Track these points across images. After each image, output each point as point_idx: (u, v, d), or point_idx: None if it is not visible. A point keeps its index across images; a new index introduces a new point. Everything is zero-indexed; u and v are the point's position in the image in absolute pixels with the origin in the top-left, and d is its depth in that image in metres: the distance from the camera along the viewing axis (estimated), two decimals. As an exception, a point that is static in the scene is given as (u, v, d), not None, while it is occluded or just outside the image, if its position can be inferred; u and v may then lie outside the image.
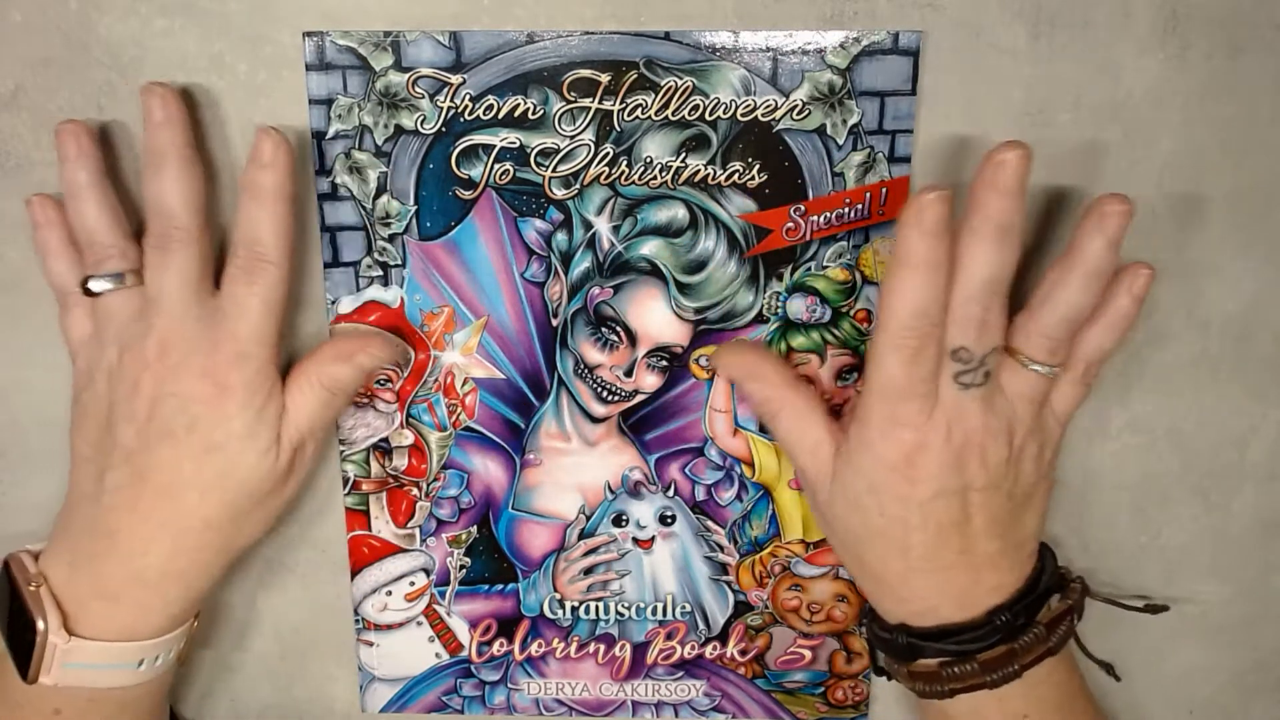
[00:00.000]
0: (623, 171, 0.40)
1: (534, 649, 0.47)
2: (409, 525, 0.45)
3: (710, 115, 0.39)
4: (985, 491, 0.38)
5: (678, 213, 0.41)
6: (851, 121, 0.39)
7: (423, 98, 0.39)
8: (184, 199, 0.38)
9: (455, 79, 0.39)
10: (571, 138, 0.40)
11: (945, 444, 0.37)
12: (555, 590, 0.46)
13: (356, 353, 0.40)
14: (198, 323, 0.38)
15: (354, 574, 0.46)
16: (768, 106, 0.39)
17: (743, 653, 0.47)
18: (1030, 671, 0.39)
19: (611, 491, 0.45)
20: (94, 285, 0.39)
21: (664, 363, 0.43)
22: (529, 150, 0.40)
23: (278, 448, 0.40)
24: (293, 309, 0.43)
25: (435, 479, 0.45)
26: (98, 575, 0.39)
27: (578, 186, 0.41)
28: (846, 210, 0.41)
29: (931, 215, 0.34)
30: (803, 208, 0.41)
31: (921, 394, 0.37)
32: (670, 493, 0.45)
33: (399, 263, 0.42)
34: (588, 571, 0.46)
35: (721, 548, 0.46)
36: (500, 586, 0.46)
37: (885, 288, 0.36)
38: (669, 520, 0.45)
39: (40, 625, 0.38)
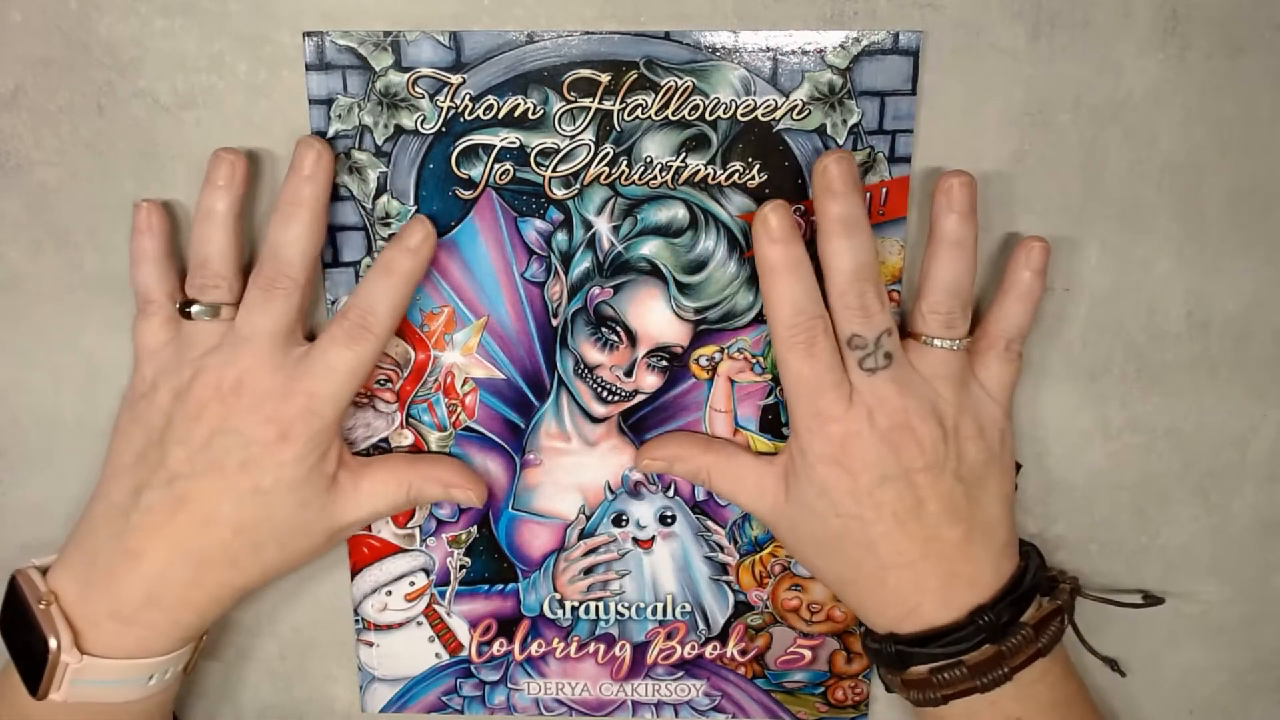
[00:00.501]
0: (623, 171, 0.40)
1: (534, 649, 0.47)
2: (409, 525, 0.45)
3: (710, 115, 0.39)
4: (928, 472, 0.38)
5: (678, 213, 0.41)
6: (851, 121, 0.39)
7: (423, 98, 0.39)
8: (304, 252, 0.39)
9: (455, 79, 0.39)
10: (571, 138, 0.40)
11: (871, 428, 0.38)
12: (555, 590, 0.46)
13: (457, 487, 0.43)
14: (279, 370, 0.39)
15: (354, 574, 0.46)
16: (768, 106, 0.39)
17: (743, 653, 0.47)
18: (1022, 673, 0.39)
19: (611, 491, 0.45)
20: (195, 310, 0.39)
21: (664, 363, 0.43)
22: (529, 150, 0.40)
23: (328, 509, 0.41)
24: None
25: (435, 479, 0.45)
26: (113, 595, 0.39)
27: (578, 186, 0.41)
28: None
29: (776, 222, 0.38)
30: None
31: (833, 384, 0.38)
32: (670, 493, 0.45)
33: (399, 263, 0.42)
34: (588, 571, 0.46)
35: (721, 548, 0.46)
36: (500, 586, 0.46)
37: (764, 298, 0.39)
38: (669, 520, 0.45)
39: (53, 644, 0.38)
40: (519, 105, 0.39)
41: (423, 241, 0.39)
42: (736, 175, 0.40)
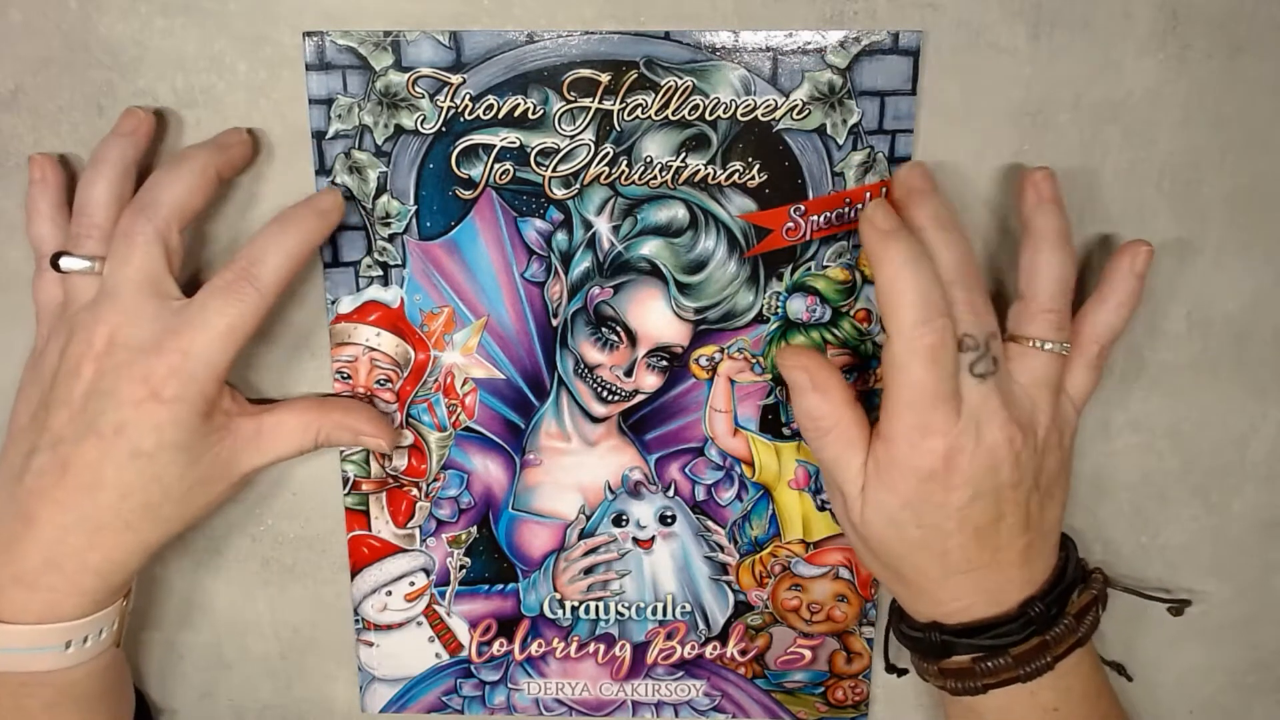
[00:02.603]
0: (623, 171, 0.40)
1: (534, 649, 0.47)
2: (409, 525, 0.45)
3: (710, 115, 0.39)
4: (1017, 488, 0.38)
5: (678, 213, 0.41)
6: (851, 121, 0.39)
7: (423, 97, 0.39)
8: (167, 200, 0.37)
9: (455, 79, 0.39)
10: (571, 137, 0.40)
11: (977, 445, 0.37)
12: (555, 590, 0.46)
13: (366, 433, 0.42)
14: (151, 324, 0.37)
15: (354, 574, 0.46)
16: (768, 106, 0.39)
17: (743, 653, 0.47)
18: (1061, 663, 0.39)
19: (611, 491, 0.45)
20: (65, 263, 0.38)
21: (664, 363, 0.43)
22: (529, 150, 0.40)
23: (224, 460, 0.39)
24: (293, 309, 0.43)
25: (435, 479, 0.45)
26: (13, 560, 0.38)
27: (578, 186, 0.41)
28: (846, 210, 0.41)
29: (880, 215, 0.37)
30: (803, 207, 0.41)
31: (948, 395, 0.36)
32: (670, 493, 0.45)
33: (399, 263, 0.42)
34: (588, 571, 0.46)
35: (721, 548, 0.46)
36: (500, 586, 0.46)
37: (882, 296, 0.36)
38: (669, 520, 0.45)
39: None
40: (519, 105, 0.39)
41: (332, 207, 0.39)
42: (736, 175, 0.40)
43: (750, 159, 0.40)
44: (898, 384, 0.37)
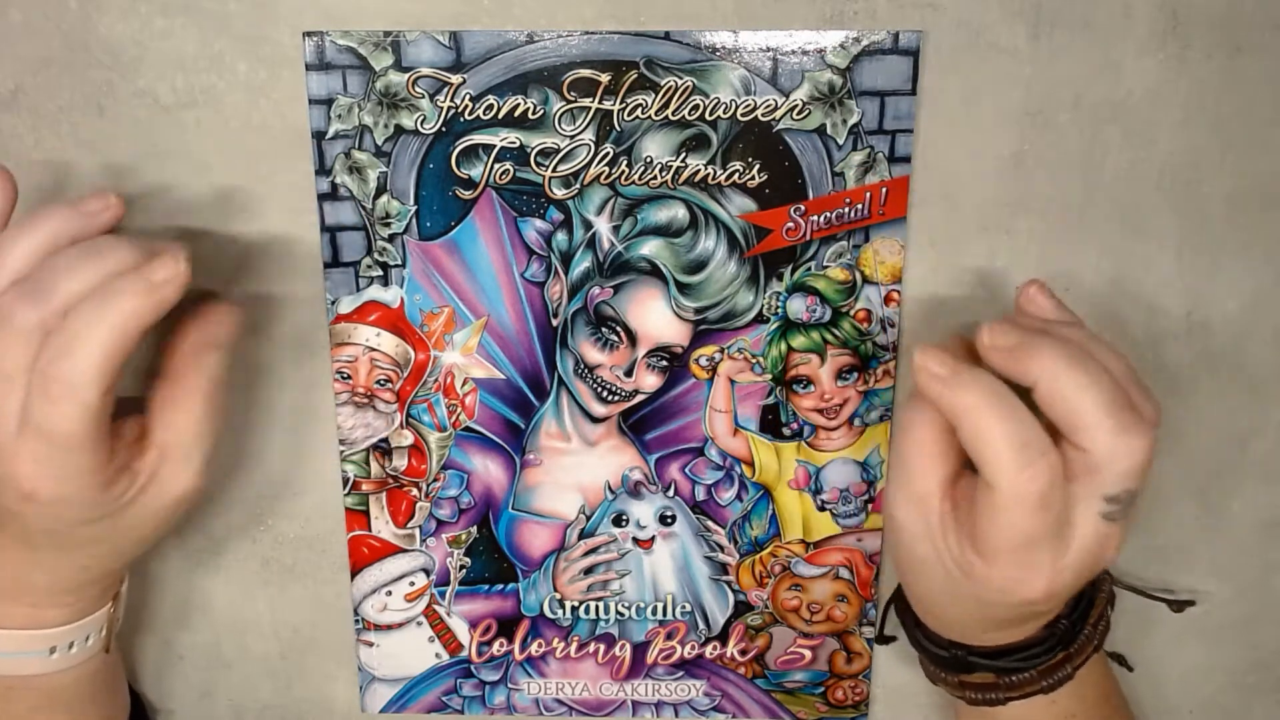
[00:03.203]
0: (623, 171, 0.40)
1: (534, 649, 0.47)
2: (409, 525, 0.45)
3: (710, 115, 0.39)
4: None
5: (678, 213, 0.41)
6: (851, 121, 0.39)
7: (423, 97, 0.39)
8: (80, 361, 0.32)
9: (455, 79, 0.39)
10: (571, 137, 0.40)
11: (1078, 573, 0.34)
12: (555, 590, 0.46)
13: (212, 328, 0.36)
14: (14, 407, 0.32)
15: (354, 574, 0.46)
16: (768, 106, 0.39)
17: (743, 653, 0.47)
18: (1079, 670, 0.39)
19: (611, 491, 0.45)
20: None
21: (664, 363, 0.43)
22: (529, 150, 0.40)
23: (146, 483, 0.36)
24: (293, 308, 0.43)
25: (435, 479, 0.45)
26: None
27: (578, 186, 0.41)
28: (846, 210, 0.41)
29: (935, 363, 0.32)
30: (803, 207, 0.41)
31: (1055, 534, 0.32)
32: (670, 493, 0.45)
33: (399, 263, 0.42)
34: (588, 571, 0.46)
35: (721, 548, 0.46)
36: (500, 586, 0.46)
37: (971, 445, 0.32)
38: (669, 520, 0.45)
39: None
40: (519, 105, 0.39)
41: (169, 279, 0.33)
42: (736, 175, 0.40)
43: (750, 159, 0.40)
44: (1001, 529, 0.32)
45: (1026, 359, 0.32)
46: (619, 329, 0.42)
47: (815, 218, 0.41)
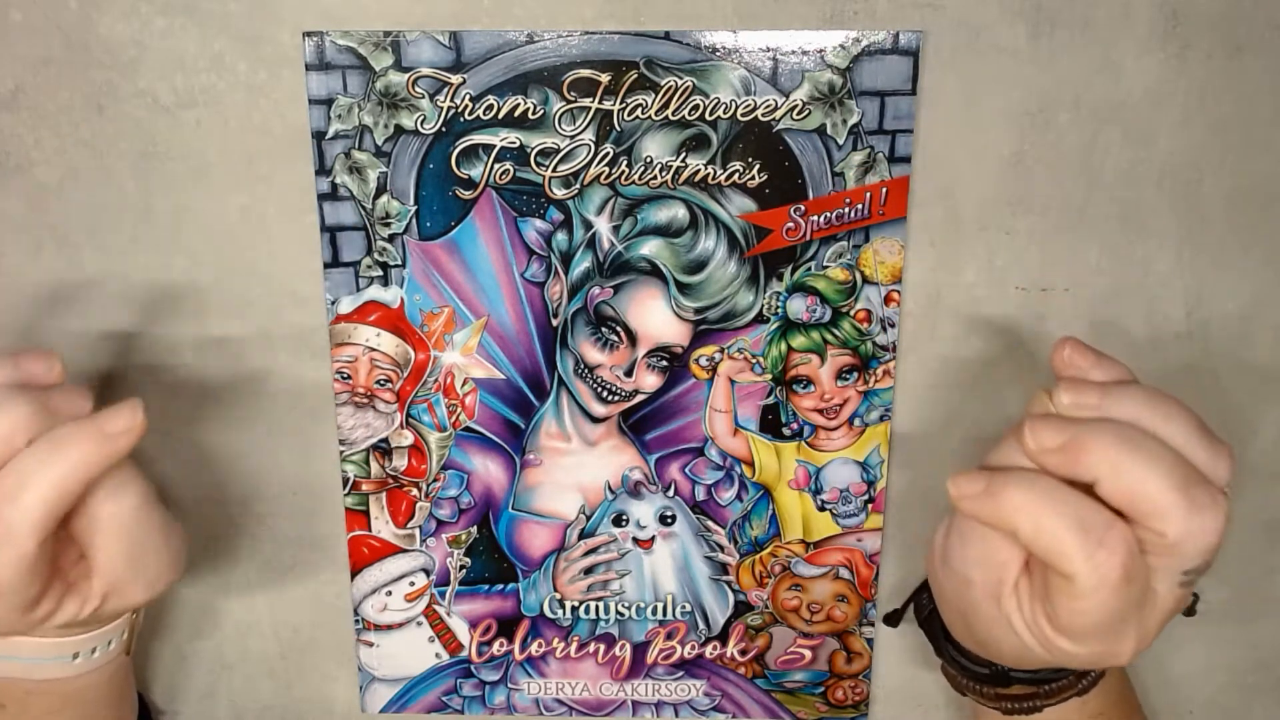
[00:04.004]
0: (623, 171, 0.40)
1: (534, 649, 0.47)
2: (409, 525, 0.45)
3: (710, 115, 0.39)
4: None
5: (678, 213, 0.41)
6: (851, 121, 0.39)
7: (423, 97, 0.39)
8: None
9: (455, 79, 0.39)
10: (571, 137, 0.40)
11: (1151, 630, 0.32)
12: (555, 590, 0.46)
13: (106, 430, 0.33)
14: None
15: (354, 574, 0.46)
16: (768, 106, 0.39)
17: (743, 652, 0.47)
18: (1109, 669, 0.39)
19: (611, 491, 0.45)
20: None
21: (664, 363, 0.43)
22: (529, 150, 0.40)
23: (60, 606, 0.35)
24: (293, 309, 0.43)
25: (435, 479, 0.45)
26: None
27: (578, 186, 0.41)
28: (846, 210, 0.41)
29: (964, 486, 0.31)
30: (803, 207, 0.41)
31: (1139, 604, 0.31)
32: (670, 493, 0.45)
33: (399, 263, 0.42)
34: (588, 571, 0.46)
35: (721, 548, 0.46)
36: (500, 586, 0.46)
37: (1037, 548, 0.31)
38: (669, 520, 0.45)
39: None
40: (519, 105, 0.39)
41: (124, 430, 0.32)
42: (736, 175, 0.40)
43: (750, 159, 0.40)
44: (1086, 614, 0.31)
45: (1079, 456, 0.30)
46: (619, 329, 0.42)
47: (815, 218, 0.41)
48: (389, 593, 0.46)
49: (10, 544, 0.31)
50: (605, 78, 0.39)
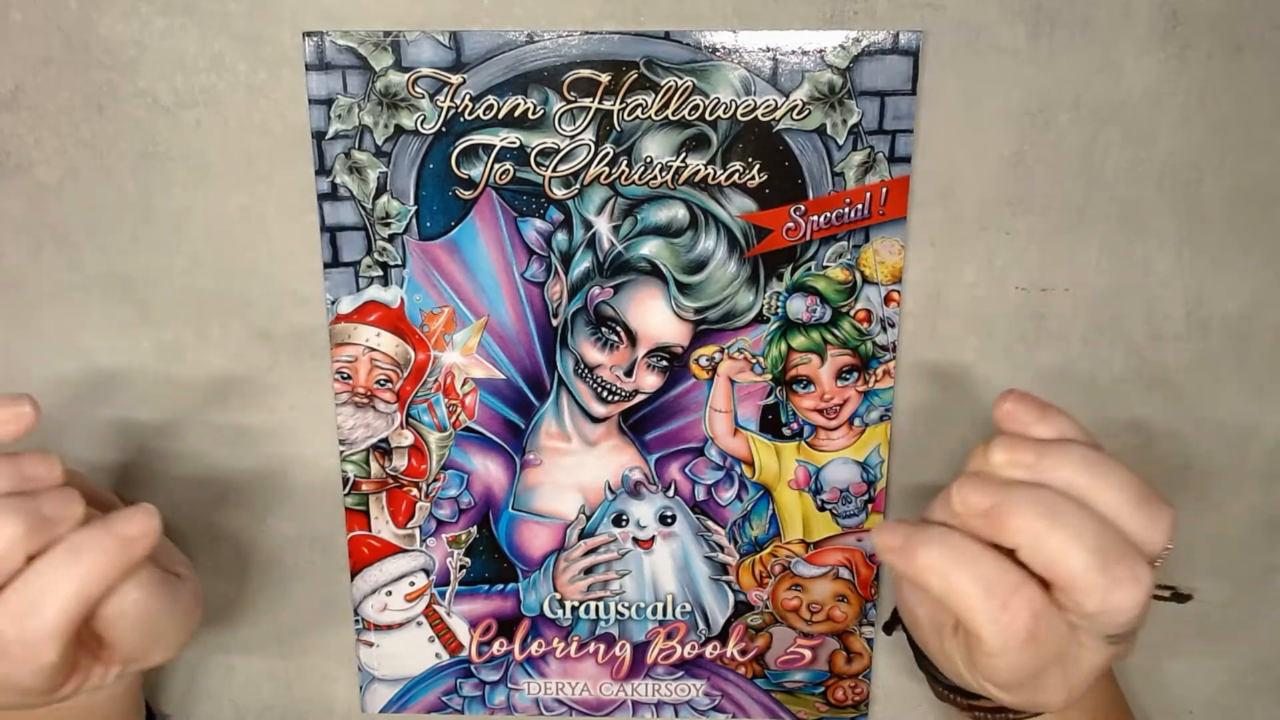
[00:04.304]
0: (623, 171, 0.40)
1: (534, 649, 0.47)
2: (409, 525, 0.45)
3: (710, 115, 0.39)
4: None
5: (678, 213, 0.41)
6: (851, 121, 0.39)
7: (423, 97, 0.39)
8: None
9: (455, 79, 0.39)
10: (571, 137, 0.40)
11: (1094, 681, 0.33)
12: (555, 590, 0.46)
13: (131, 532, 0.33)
14: None
15: (354, 574, 0.46)
16: (768, 106, 0.39)
17: (743, 652, 0.47)
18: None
19: (611, 491, 0.45)
20: None
21: (664, 363, 0.43)
22: (529, 150, 0.40)
23: (86, 677, 0.35)
24: (293, 309, 0.43)
25: (435, 479, 0.45)
26: None
27: (578, 186, 0.41)
28: (846, 210, 0.41)
29: (885, 538, 0.32)
30: (803, 207, 0.41)
31: (1057, 660, 0.32)
32: (670, 493, 0.45)
33: (399, 263, 0.42)
34: (588, 571, 0.46)
35: (721, 548, 0.46)
36: (500, 586, 0.46)
37: (948, 602, 0.31)
38: (669, 520, 0.45)
39: None
40: (519, 105, 0.39)
41: (142, 534, 0.32)
42: (736, 175, 0.40)
43: (750, 159, 0.40)
44: (1000, 670, 0.32)
45: (1002, 523, 0.30)
46: (619, 329, 0.42)
47: (815, 218, 0.41)
48: (389, 593, 0.46)
49: (34, 657, 0.31)
50: (605, 78, 0.39)
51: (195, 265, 0.42)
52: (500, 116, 0.40)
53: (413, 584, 0.46)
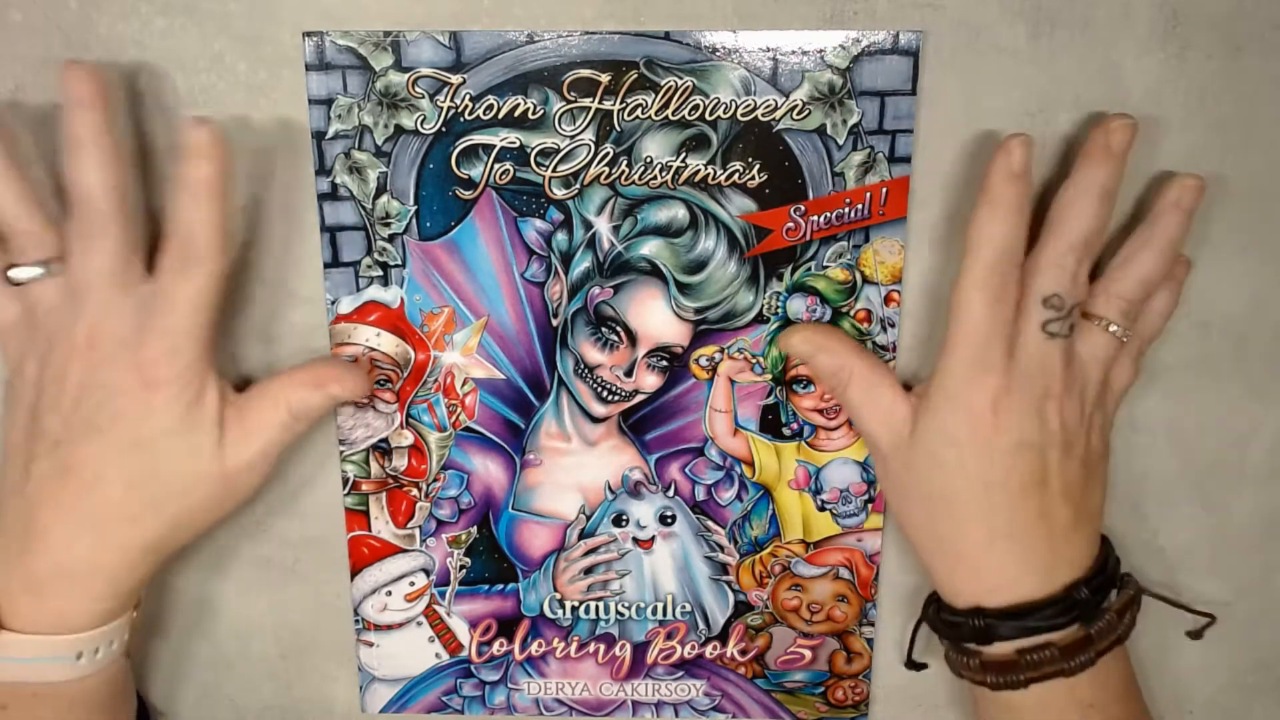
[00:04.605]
0: (623, 171, 0.40)
1: (534, 649, 0.47)
2: (409, 525, 0.45)
3: (710, 115, 0.39)
4: (1062, 449, 0.38)
5: (678, 213, 0.41)
6: (851, 121, 0.39)
7: (423, 97, 0.39)
8: (103, 183, 0.36)
9: (455, 79, 0.39)
10: (571, 138, 0.40)
11: (1027, 390, 0.38)
12: (555, 590, 0.46)
13: (330, 382, 0.40)
14: (128, 312, 0.37)
15: (354, 574, 0.46)
16: (768, 106, 0.39)
17: (743, 653, 0.47)
18: (1101, 659, 0.39)
19: (611, 491, 0.45)
20: (15, 274, 0.38)
21: (664, 363, 0.43)
22: (529, 150, 0.40)
23: (218, 451, 0.39)
24: (293, 309, 0.43)
25: (435, 479, 0.45)
26: (24, 569, 0.38)
27: (578, 186, 0.41)
28: (846, 210, 0.41)
29: (1019, 158, 0.37)
30: (803, 208, 0.41)
31: (1004, 336, 0.38)
32: (670, 493, 0.45)
33: (399, 263, 0.42)
34: (588, 571, 0.46)
35: (721, 548, 0.46)
36: (500, 586, 0.46)
37: (972, 231, 0.37)
38: (669, 520, 0.45)
39: None
40: (519, 105, 0.39)
41: (210, 140, 0.36)
42: (736, 175, 0.40)
43: (750, 159, 0.40)
44: (957, 320, 0.38)
45: (1095, 165, 0.38)
46: (619, 329, 0.42)
47: (815, 218, 0.41)
48: (389, 593, 0.46)
49: (210, 264, 0.37)
50: (605, 78, 0.39)
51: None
52: (500, 116, 0.40)
53: (413, 584, 0.46)
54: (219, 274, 0.38)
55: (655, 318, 0.42)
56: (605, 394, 0.43)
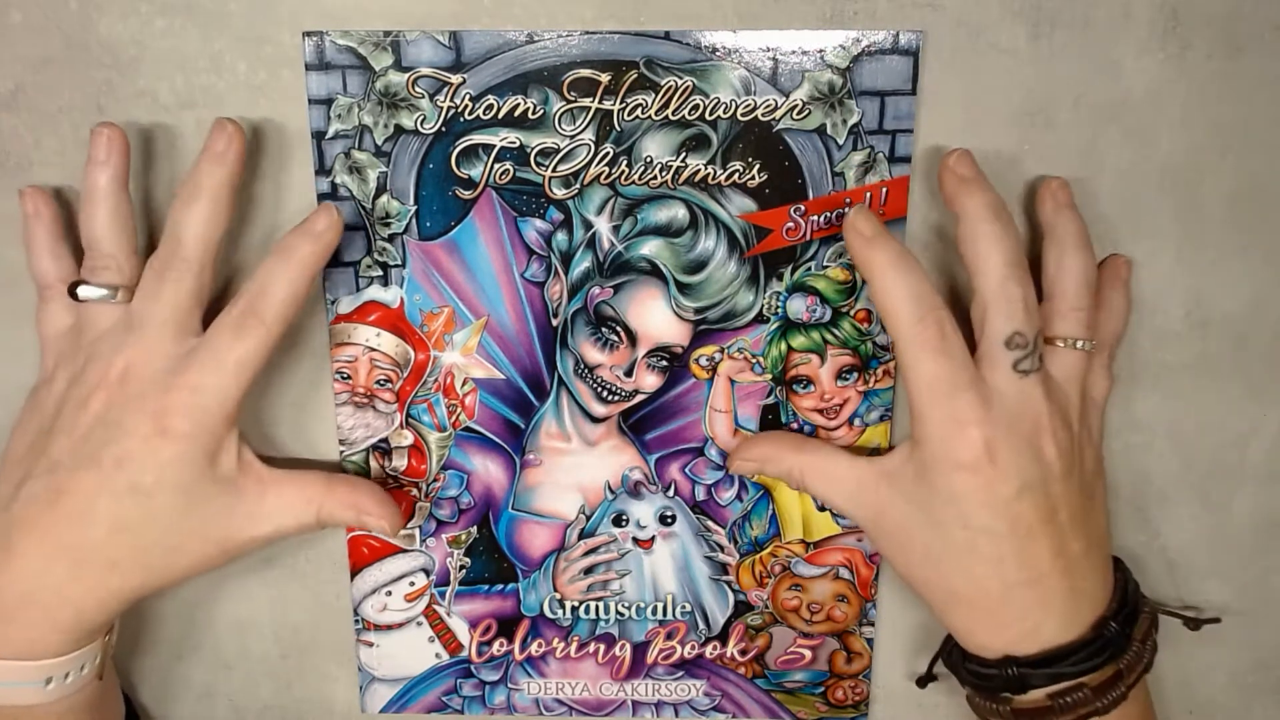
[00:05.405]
0: (623, 171, 0.40)
1: (534, 649, 0.47)
2: (409, 526, 0.45)
3: (710, 115, 0.39)
4: (1063, 480, 0.37)
5: (678, 213, 0.41)
6: (851, 121, 0.39)
7: (423, 97, 0.39)
8: (202, 236, 0.37)
9: (455, 79, 0.39)
10: (571, 137, 0.40)
11: (1018, 431, 0.36)
12: (555, 590, 0.46)
13: (368, 514, 0.40)
14: (168, 359, 0.37)
15: (354, 574, 0.46)
16: (768, 106, 0.39)
17: (743, 653, 0.47)
18: (1132, 691, 0.38)
19: (611, 491, 0.45)
20: (83, 292, 0.38)
21: (664, 363, 0.43)
22: (529, 150, 0.40)
23: (223, 519, 0.38)
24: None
25: (435, 479, 0.45)
26: None
27: (578, 186, 0.41)
28: (847, 210, 0.41)
29: (864, 222, 0.37)
30: (803, 207, 0.41)
31: (968, 382, 0.36)
32: (670, 493, 0.45)
33: (399, 263, 0.42)
34: (588, 571, 0.46)
35: (721, 548, 0.46)
36: (500, 586, 0.46)
37: (877, 302, 0.37)
38: (669, 520, 0.45)
39: None
40: (519, 105, 0.39)
41: (328, 228, 0.37)
42: (736, 175, 0.40)
43: (750, 159, 0.40)
44: (913, 383, 0.37)
45: (966, 196, 0.37)
46: (619, 329, 0.42)
47: (815, 218, 0.41)
48: (389, 593, 0.46)
49: (268, 330, 0.37)
50: (605, 78, 0.39)
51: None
52: (500, 116, 0.40)
53: (412, 584, 0.46)
54: (272, 343, 0.38)
55: (655, 318, 0.42)
56: (605, 394, 0.43)
